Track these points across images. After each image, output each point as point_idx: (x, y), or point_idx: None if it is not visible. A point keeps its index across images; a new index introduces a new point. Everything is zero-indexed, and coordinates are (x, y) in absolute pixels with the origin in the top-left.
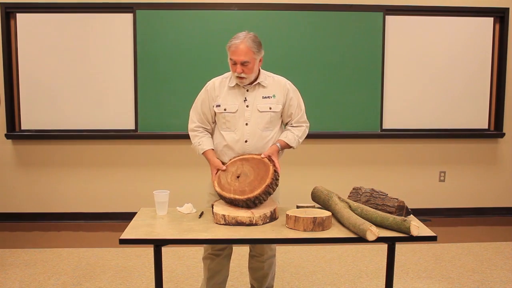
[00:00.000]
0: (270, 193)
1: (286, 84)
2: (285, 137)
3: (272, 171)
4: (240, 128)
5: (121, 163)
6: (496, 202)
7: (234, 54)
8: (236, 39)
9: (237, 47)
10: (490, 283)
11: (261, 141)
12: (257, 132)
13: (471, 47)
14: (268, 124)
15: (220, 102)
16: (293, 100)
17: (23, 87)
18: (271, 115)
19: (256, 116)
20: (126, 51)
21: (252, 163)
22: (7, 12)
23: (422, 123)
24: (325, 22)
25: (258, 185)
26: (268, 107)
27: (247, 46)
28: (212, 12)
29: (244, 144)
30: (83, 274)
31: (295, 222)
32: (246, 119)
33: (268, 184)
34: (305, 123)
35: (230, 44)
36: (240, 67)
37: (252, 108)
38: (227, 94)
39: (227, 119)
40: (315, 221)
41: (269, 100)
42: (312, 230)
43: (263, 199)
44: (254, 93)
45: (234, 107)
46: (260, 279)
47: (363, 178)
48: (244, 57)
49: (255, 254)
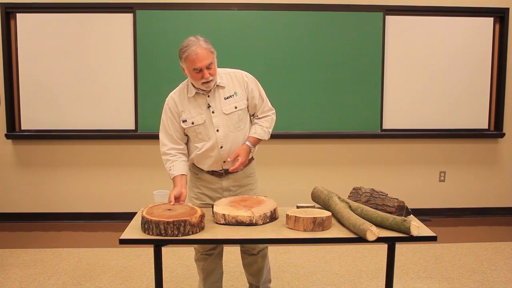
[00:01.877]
0: (180, 225)
1: (243, 76)
2: (254, 133)
3: (199, 215)
4: (213, 136)
5: (121, 163)
6: (496, 202)
7: (197, 61)
8: (191, 46)
9: (197, 54)
10: (490, 283)
11: (235, 143)
12: (229, 135)
13: (471, 47)
14: (238, 124)
15: (185, 117)
16: (254, 91)
17: (23, 87)
18: (239, 114)
19: (225, 120)
20: (126, 51)
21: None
22: (7, 12)
23: (422, 123)
24: (325, 22)
25: (179, 216)
26: (233, 107)
27: (205, 48)
28: (212, 12)
29: (220, 151)
30: (83, 274)
31: (295, 222)
32: (215, 125)
33: (183, 219)
34: (270, 111)
35: (188, 53)
36: (207, 71)
37: (218, 113)
38: (190, 106)
39: (198, 131)
40: (315, 221)
41: (232, 99)
42: (312, 230)
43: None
44: (215, 96)
45: (201, 118)
46: (256, 273)
47: (363, 178)
48: (208, 60)
49: (247, 248)
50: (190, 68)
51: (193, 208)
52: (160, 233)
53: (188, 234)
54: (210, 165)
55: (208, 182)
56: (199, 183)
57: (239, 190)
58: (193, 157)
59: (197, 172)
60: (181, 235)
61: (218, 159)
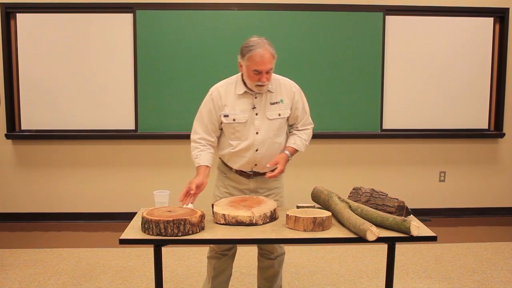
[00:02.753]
0: (180, 224)
1: (291, 87)
2: (293, 143)
3: (199, 215)
4: (251, 137)
5: (121, 163)
6: (496, 202)
7: (260, 64)
8: (258, 47)
9: (262, 56)
10: (490, 283)
11: (271, 149)
12: (267, 140)
13: (471, 47)
14: (278, 131)
15: (228, 111)
16: (299, 103)
17: (23, 87)
18: (280, 122)
19: (266, 124)
20: (126, 51)
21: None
22: (7, 12)
23: (422, 123)
24: (325, 22)
25: (179, 216)
26: (277, 114)
27: (271, 53)
28: (212, 12)
29: (254, 153)
30: (83, 274)
31: (295, 222)
32: (256, 128)
33: (184, 218)
34: (310, 125)
35: (253, 53)
36: (266, 75)
37: (261, 116)
38: (235, 103)
39: (237, 129)
40: (315, 221)
41: (277, 106)
42: (312, 230)
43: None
44: (262, 99)
45: (243, 117)
46: (271, 278)
47: (363, 178)
48: (270, 65)
49: (265, 252)
50: (250, 68)
51: (194, 209)
52: (160, 233)
53: (188, 234)
54: (241, 165)
55: (236, 182)
56: (226, 183)
57: (267, 193)
58: (224, 153)
59: (225, 171)
60: (181, 234)
61: (251, 160)
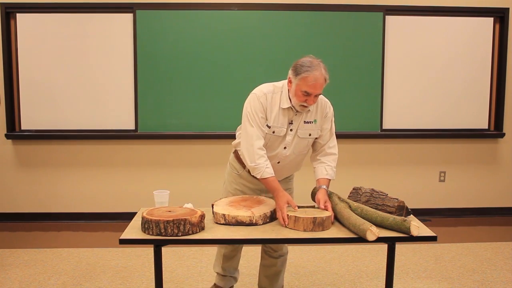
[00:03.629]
0: (180, 224)
1: (326, 107)
2: (326, 174)
3: (199, 215)
4: (278, 150)
5: (121, 163)
6: (496, 202)
7: (312, 87)
8: (314, 70)
9: (317, 80)
10: (490, 283)
11: (292, 164)
12: (292, 156)
13: (471, 47)
14: (304, 149)
15: (270, 122)
16: (327, 123)
17: (23, 87)
18: (309, 141)
19: (296, 142)
20: (126, 51)
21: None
22: (7, 12)
23: (422, 123)
24: (325, 22)
25: (179, 216)
26: (308, 134)
27: (324, 78)
28: (212, 12)
29: (275, 164)
30: (83, 274)
31: (295, 222)
32: (286, 143)
33: (183, 218)
34: (335, 148)
35: (308, 75)
36: (313, 99)
37: (294, 133)
38: (278, 116)
39: (270, 140)
40: (315, 221)
41: (310, 125)
42: (312, 230)
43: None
44: (300, 117)
45: (282, 131)
46: (272, 276)
47: (363, 178)
48: (320, 90)
49: (269, 249)
50: (300, 88)
51: (193, 209)
52: (160, 233)
53: (188, 234)
54: None
55: (248, 181)
56: (239, 181)
57: None
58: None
59: (238, 169)
60: (181, 234)
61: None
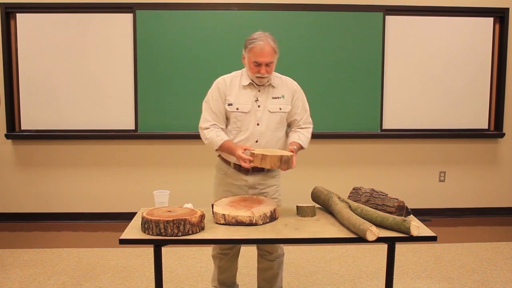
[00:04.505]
0: (180, 224)
1: (293, 85)
2: (298, 139)
3: (198, 215)
4: (251, 128)
5: (121, 163)
6: (496, 202)
7: (260, 56)
8: (259, 40)
9: (262, 49)
10: (490, 283)
11: (271, 142)
12: (268, 132)
13: (471, 47)
14: (278, 125)
15: (232, 100)
16: (299, 100)
17: (23, 87)
18: (281, 116)
19: (267, 117)
20: (126, 51)
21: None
22: (7, 12)
23: (422, 123)
24: (325, 22)
25: (179, 216)
26: (278, 108)
27: (271, 47)
28: (212, 12)
29: (254, 144)
30: (83, 274)
31: (262, 160)
32: (257, 119)
33: (183, 218)
34: (310, 124)
35: (254, 45)
36: (265, 68)
37: (263, 108)
38: (239, 93)
39: (238, 118)
40: (281, 159)
41: (279, 100)
42: (279, 167)
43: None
44: (264, 93)
45: (246, 107)
46: (270, 279)
47: (363, 178)
48: (270, 58)
49: (264, 252)
50: (251, 60)
51: (193, 209)
52: (160, 233)
53: (188, 234)
54: None
55: (234, 178)
56: (225, 180)
57: (266, 189)
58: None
59: (224, 168)
60: (181, 234)
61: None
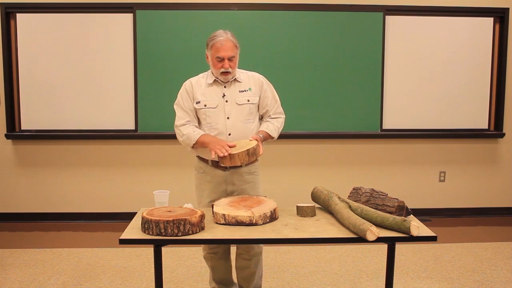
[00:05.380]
0: (180, 224)
1: (259, 78)
2: (266, 128)
3: (198, 215)
4: (222, 122)
5: (121, 163)
6: (496, 202)
7: (221, 50)
8: (219, 36)
9: (222, 44)
10: (490, 283)
11: (243, 134)
12: (238, 124)
13: (471, 47)
14: (248, 116)
15: (199, 98)
16: (267, 92)
17: (23, 87)
18: (250, 107)
19: (236, 110)
20: (126, 51)
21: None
22: (7, 12)
23: (422, 123)
24: (325, 22)
25: (179, 216)
26: (246, 100)
27: (232, 41)
28: (212, 12)
29: (227, 138)
30: (83, 274)
31: (231, 159)
32: (226, 113)
33: (183, 218)
34: (282, 114)
35: (214, 42)
36: (228, 62)
37: (231, 102)
38: (206, 91)
39: (208, 114)
40: (248, 152)
41: (246, 93)
42: (249, 161)
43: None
44: (231, 88)
45: (214, 102)
46: (248, 277)
47: (363, 178)
48: (231, 52)
49: (241, 252)
50: (213, 56)
51: (193, 209)
52: (160, 233)
53: (188, 234)
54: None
55: (212, 175)
56: (204, 179)
57: (243, 186)
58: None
59: (202, 167)
60: (181, 234)
61: None
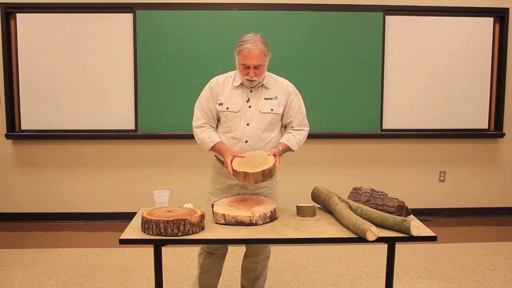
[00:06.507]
0: (180, 224)
1: (288, 86)
2: (287, 140)
3: (198, 215)
4: (241, 128)
5: (121, 163)
6: (496, 202)
7: (247, 58)
8: (248, 43)
9: (250, 51)
10: (490, 283)
11: (260, 142)
12: (257, 133)
13: (471, 47)
14: (268, 126)
15: (223, 100)
16: (294, 102)
17: (23, 87)
18: (272, 117)
19: (258, 117)
20: (126, 51)
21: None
22: (7, 12)
23: (422, 123)
24: (325, 22)
25: (179, 216)
26: (269, 109)
27: (260, 50)
28: (212, 12)
29: (243, 144)
30: (83, 274)
31: (245, 177)
32: (247, 119)
33: (183, 218)
34: (306, 127)
35: (242, 48)
36: (253, 70)
37: (254, 109)
38: (230, 93)
39: (229, 118)
40: (264, 173)
41: (271, 101)
42: (263, 181)
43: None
44: (257, 94)
45: (236, 106)
46: (252, 280)
47: (363, 178)
48: (258, 61)
49: (250, 254)
50: (240, 62)
51: (193, 209)
52: (160, 233)
53: (188, 234)
54: None
55: (226, 177)
56: (218, 179)
57: (257, 191)
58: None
59: (218, 167)
60: (181, 234)
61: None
